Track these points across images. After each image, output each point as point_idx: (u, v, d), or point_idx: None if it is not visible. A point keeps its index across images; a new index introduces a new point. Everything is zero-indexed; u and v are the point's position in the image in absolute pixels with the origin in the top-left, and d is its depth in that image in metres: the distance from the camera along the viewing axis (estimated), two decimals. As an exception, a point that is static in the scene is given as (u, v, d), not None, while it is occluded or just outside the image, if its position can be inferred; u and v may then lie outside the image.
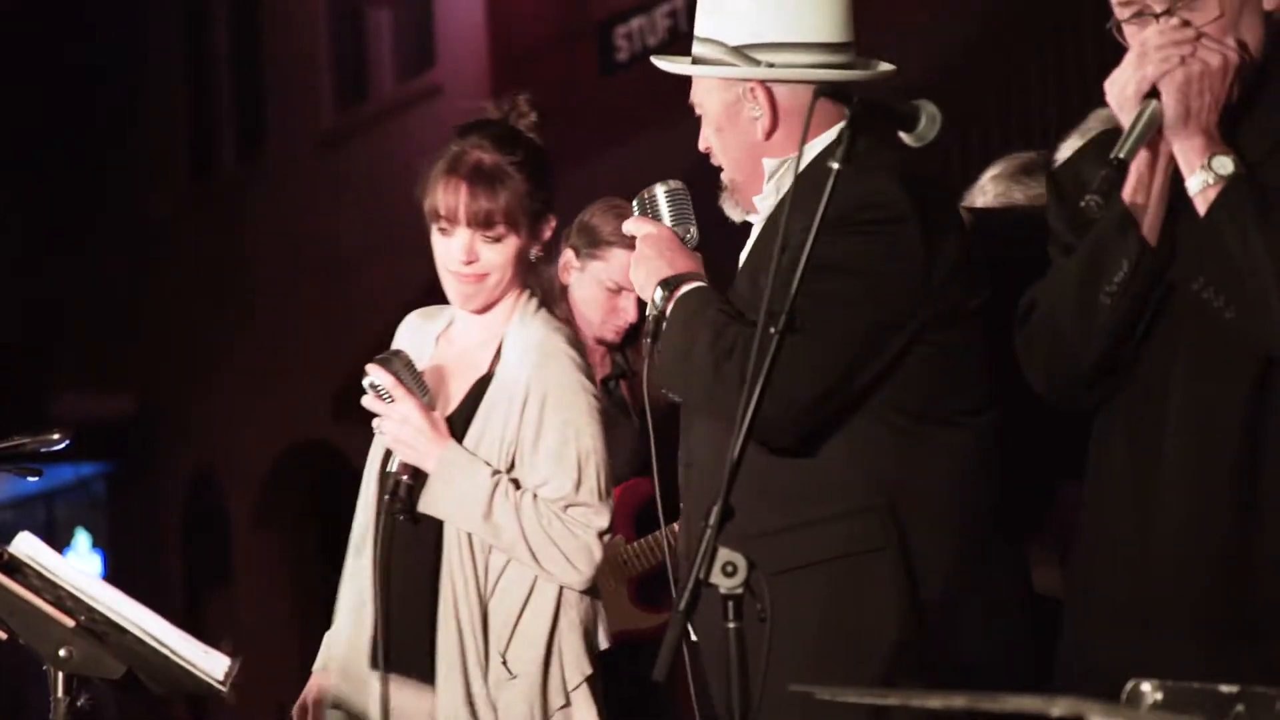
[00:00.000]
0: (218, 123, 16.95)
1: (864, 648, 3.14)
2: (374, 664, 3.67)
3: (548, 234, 3.74)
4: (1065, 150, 3.78)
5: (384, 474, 3.73)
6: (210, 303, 16.30)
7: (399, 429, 3.65)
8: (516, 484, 3.63)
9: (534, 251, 3.73)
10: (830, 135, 3.33)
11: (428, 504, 3.64)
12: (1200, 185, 2.72)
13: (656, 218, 3.49)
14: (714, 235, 3.52)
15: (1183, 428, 2.78)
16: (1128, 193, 2.77)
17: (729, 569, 2.65)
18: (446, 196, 3.67)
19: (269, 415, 15.35)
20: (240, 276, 15.98)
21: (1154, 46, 2.74)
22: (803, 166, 3.30)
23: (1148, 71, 2.72)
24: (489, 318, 3.75)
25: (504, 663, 3.58)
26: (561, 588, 3.62)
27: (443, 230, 3.70)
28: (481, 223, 3.65)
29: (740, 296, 3.33)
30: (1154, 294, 2.79)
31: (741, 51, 3.35)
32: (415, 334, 3.87)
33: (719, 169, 3.47)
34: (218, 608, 16.50)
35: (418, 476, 3.66)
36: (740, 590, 2.65)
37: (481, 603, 3.61)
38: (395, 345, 3.86)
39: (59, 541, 17.49)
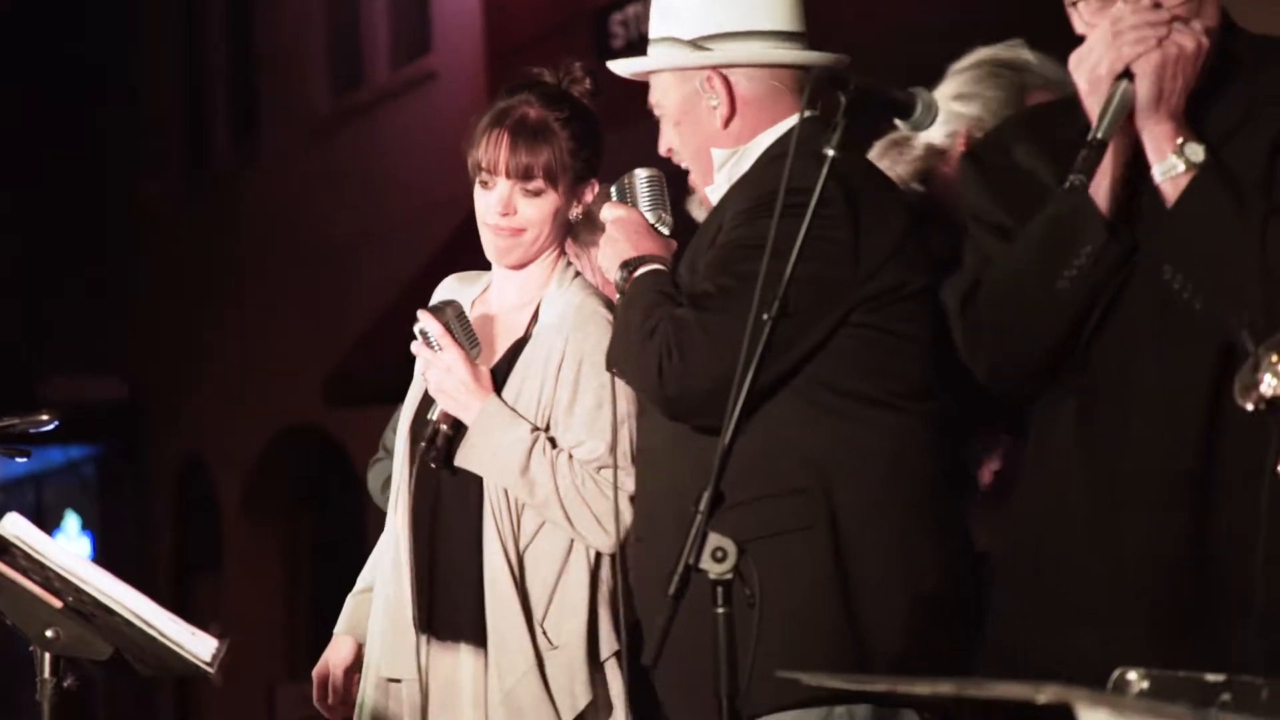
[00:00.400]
0: (212, 109, 16.94)
1: (794, 624, 3.13)
2: (417, 625, 3.65)
3: (589, 197, 3.72)
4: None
5: (424, 421, 3.71)
6: (203, 288, 16.30)
7: (443, 378, 3.65)
8: (554, 443, 3.62)
9: (574, 212, 3.72)
10: (784, 125, 3.37)
11: (465, 457, 3.63)
12: (1171, 171, 2.70)
13: (634, 202, 3.54)
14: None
15: (1148, 416, 2.74)
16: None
17: (719, 554, 2.65)
18: (489, 149, 3.66)
19: (260, 400, 15.35)
20: (233, 262, 15.97)
21: (1129, 26, 2.71)
22: (756, 156, 3.37)
23: (1124, 51, 2.69)
24: (526, 280, 3.74)
25: (544, 632, 3.57)
26: (596, 560, 3.60)
27: (483, 183, 3.69)
28: (521, 175, 3.65)
29: (682, 280, 3.38)
30: (1116, 279, 2.76)
31: (696, 44, 3.42)
32: (451, 296, 3.85)
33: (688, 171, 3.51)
34: (206, 591, 16.51)
35: (458, 428, 3.66)
36: (730, 576, 2.66)
37: (521, 565, 3.60)
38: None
39: (48, 524, 17.49)
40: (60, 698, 3.32)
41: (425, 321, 3.67)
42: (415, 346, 3.69)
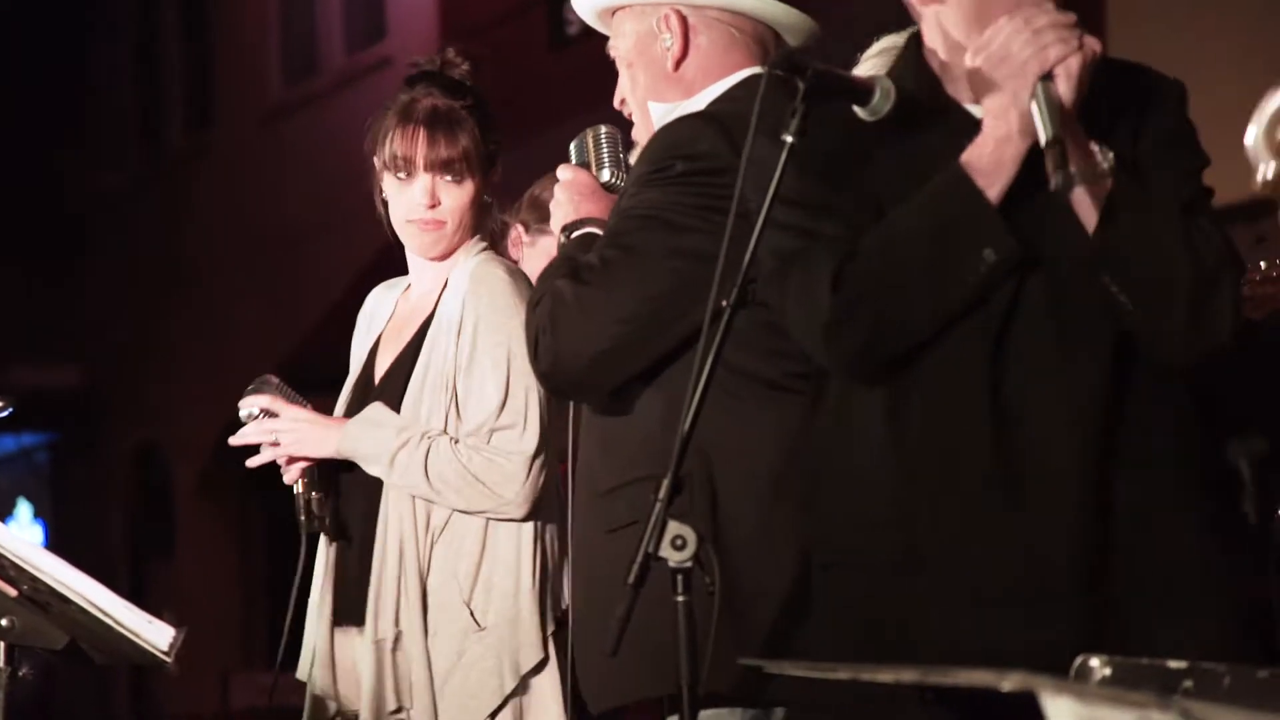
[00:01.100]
0: (166, 96, 16.85)
1: (666, 611, 2.86)
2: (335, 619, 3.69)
3: (495, 179, 3.76)
4: None
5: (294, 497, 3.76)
6: (159, 275, 16.22)
7: (293, 430, 3.69)
8: (448, 430, 3.62)
9: (486, 197, 3.75)
10: (727, 83, 3.27)
11: (347, 452, 3.66)
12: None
13: (592, 159, 3.48)
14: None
15: (1057, 414, 2.70)
16: (981, 173, 2.67)
17: (678, 542, 2.62)
18: (405, 143, 3.67)
19: (215, 387, 15.24)
20: (188, 249, 15.90)
21: (1048, 25, 2.66)
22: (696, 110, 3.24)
23: (1051, 52, 2.64)
24: (440, 267, 3.75)
25: (472, 614, 3.56)
26: (539, 531, 3.59)
27: (401, 178, 3.69)
28: (442, 166, 3.66)
29: None
30: (1009, 281, 2.70)
31: None
32: (379, 304, 3.89)
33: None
34: (160, 579, 16.44)
35: (322, 488, 3.71)
36: (689, 564, 2.63)
37: (417, 548, 3.58)
38: (361, 319, 3.89)
39: (0, 511, 17.39)
40: (15, 686, 3.29)
41: (247, 404, 3.78)
42: (247, 431, 3.76)
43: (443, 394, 3.62)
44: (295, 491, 3.73)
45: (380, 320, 3.85)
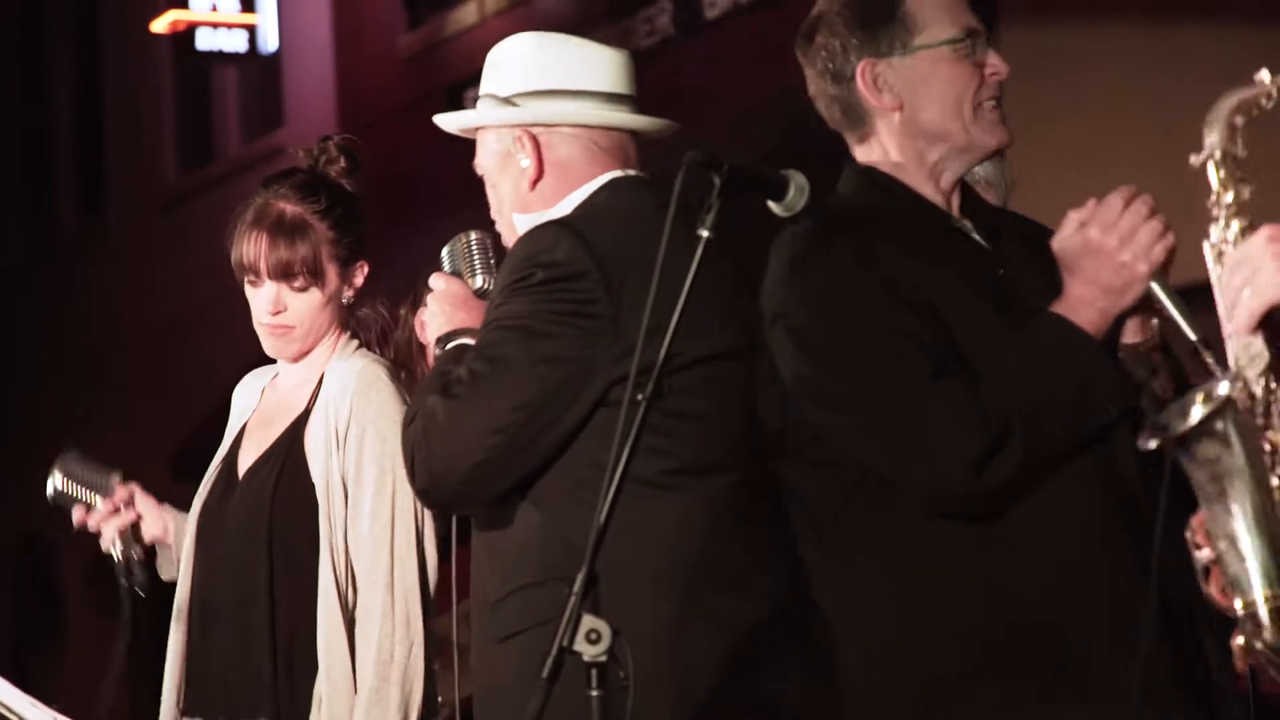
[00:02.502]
0: (57, 182, 16.72)
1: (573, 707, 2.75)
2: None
3: (360, 279, 3.72)
4: None
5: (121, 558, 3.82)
6: (47, 363, 16.04)
7: None
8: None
9: (346, 296, 3.71)
10: (589, 188, 3.28)
11: None
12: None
13: (464, 266, 3.46)
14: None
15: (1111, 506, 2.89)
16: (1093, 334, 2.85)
17: (593, 636, 2.62)
18: (249, 249, 3.66)
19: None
20: (79, 336, 15.74)
21: (1145, 217, 2.81)
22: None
23: (1156, 252, 2.81)
24: (308, 361, 3.73)
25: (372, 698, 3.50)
26: (416, 623, 3.56)
27: (251, 283, 3.68)
28: (284, 274, 3.64)
29: None
30: None
31: (509, 101, 3.32)
32: (246, 392, 3.87)
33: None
34: (47, 672, 16.16)
35: (139, 544, 3.83)
36: (604, 658, 2.62)
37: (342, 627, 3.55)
38: (233, 406, 3.86)
39: (-117, 604, 17.07)
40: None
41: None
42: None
43: (334, 499, 3.57)
44: (113, 549, 3.88)
45: (247, 410, 3.81)
